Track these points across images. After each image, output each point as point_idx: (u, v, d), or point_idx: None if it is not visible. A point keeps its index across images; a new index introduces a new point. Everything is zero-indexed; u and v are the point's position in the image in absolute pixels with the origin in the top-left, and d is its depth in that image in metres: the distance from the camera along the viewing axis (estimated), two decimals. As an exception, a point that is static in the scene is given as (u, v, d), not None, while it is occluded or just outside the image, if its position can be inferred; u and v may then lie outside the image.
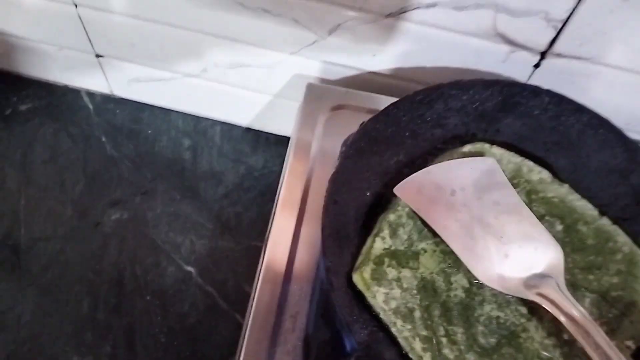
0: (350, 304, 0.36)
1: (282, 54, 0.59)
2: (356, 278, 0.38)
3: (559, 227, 0.42)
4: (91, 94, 0.75)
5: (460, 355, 0.36)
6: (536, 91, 0.47)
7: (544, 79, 0.54)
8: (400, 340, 0.36)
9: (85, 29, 0.63)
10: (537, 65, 0.53)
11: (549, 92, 0.47)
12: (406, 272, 0.39)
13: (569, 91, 0.48)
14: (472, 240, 0.39)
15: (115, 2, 0.58)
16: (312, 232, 0.46)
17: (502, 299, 0.39)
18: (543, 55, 0.52)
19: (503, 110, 0.46)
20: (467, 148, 0.45)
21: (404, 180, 0.41)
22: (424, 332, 0.36)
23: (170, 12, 0.58)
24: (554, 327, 0.38)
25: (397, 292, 0.38)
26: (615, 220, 0.43)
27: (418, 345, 0.36)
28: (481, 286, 0.39)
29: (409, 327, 0.36)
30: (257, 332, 0.42)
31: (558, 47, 0.51)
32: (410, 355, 0.36)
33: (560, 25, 0.48)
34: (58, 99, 0.74)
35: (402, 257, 0.40)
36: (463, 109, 0.46)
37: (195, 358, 0.59)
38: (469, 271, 0.40)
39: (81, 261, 0.63)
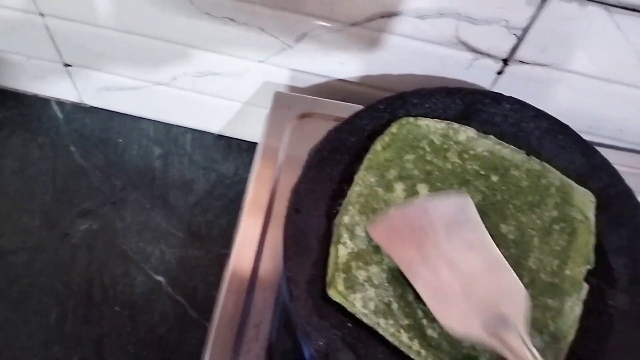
0: (308, 313, 0.36)
1: (250, 62, 0.60)
2: (332, 293, 0.37)
3: (495, 178, 0.44)
4: (61, 103, 0.74)
5: (443, 331, 0.36)
6: (497, 98, 0.47)
7: (508, 86, 0.54)
8: (389, 337, 0.36)
9: (52, 38, 0.63)
10: (500, 72, 0.54)
11: (510, 99, 0.47)
12: (374, 269, 0.39)
13: (533, 97, 0.48)
14: (440, 284, 0.37)
15: (82, 12, 0.58)
16: (277, 240, 0.46)
17: None
18: (506, 62, 0.52)
19: (465, 117, 0.47)
20: (394, 128, 0.45)
21: (378, 219, 0.41)
22: (406, 321, 0.37)
23: (138, 21, 0.58)
24: None
25: (371, 291, 0.38)
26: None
27: (404, 336, 0.36)
28: None
29: (391, 322, 0.37)
30: (221, 342, 0.42)
31: (520, 54, 0.51)
32: (400, 348, 0.36)
33: (521, 33, 0.49)
34: (28, 109, 0.73)
35: (367, 255, 0.40)
36: (425, 117, 0.47)
37: (165, 368, 0.58)
38: None
39: (49, 273, 0.62)
